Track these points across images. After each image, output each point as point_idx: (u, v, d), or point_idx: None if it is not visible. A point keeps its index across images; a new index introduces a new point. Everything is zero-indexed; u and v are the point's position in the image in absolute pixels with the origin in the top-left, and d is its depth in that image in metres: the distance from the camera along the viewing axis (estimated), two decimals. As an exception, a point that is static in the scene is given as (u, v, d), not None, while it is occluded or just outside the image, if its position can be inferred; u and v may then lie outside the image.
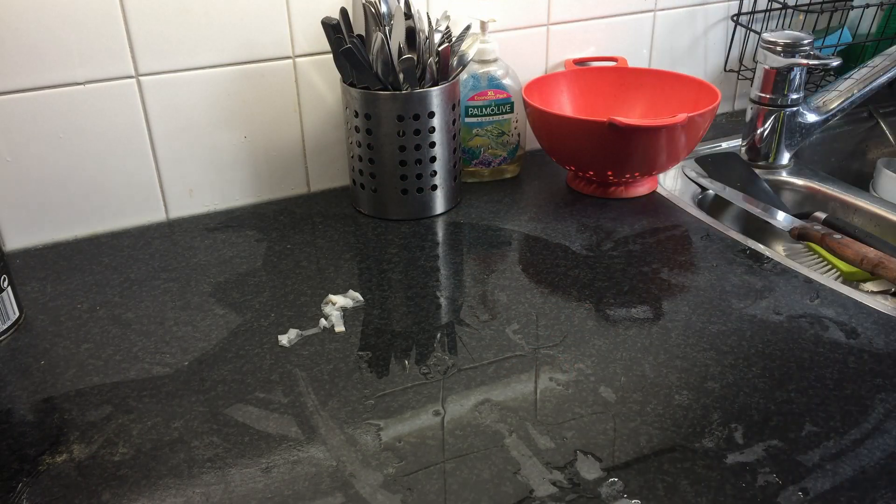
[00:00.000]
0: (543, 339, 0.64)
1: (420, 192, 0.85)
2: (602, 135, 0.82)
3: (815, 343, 0.63)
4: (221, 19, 0.82)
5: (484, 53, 0.91)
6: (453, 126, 0.85)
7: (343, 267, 0.77)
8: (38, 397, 0.59)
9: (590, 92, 0.99)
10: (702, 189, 0.96)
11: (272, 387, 0.60)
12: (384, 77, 0.80)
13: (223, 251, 0.81)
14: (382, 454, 0.52)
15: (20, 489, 0.50)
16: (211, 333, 0.67)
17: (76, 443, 0.54)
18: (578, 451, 0.52)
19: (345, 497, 0.49)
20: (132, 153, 0.84)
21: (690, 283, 0.72)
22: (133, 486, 0.50)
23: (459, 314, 0.69)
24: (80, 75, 0.78)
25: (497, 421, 0.55)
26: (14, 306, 0.68)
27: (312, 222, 0.87)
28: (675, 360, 0.61)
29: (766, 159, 1.03)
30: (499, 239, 0.82)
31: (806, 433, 0.53)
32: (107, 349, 0.65)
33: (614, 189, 0.90)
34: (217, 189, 0.90)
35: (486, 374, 0.60)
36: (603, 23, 1.04)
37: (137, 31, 0.79)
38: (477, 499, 0.49)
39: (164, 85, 0.82)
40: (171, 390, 0.60)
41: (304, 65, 0.88)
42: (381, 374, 0.61)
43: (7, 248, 0.82)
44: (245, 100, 0.87)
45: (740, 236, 0.81)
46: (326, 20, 0.81)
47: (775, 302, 0.69)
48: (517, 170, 0.98)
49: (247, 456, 0.53)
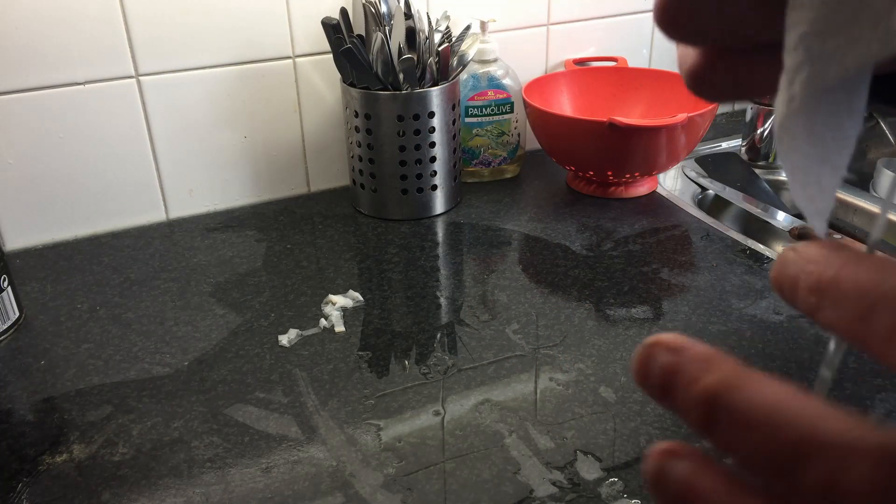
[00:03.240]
0: (543, 339, 0.64)
1: (420, 192, 0.85)
2: (602, 135, 0.82)
3: (815, 343, 0.63)
4: (221, 19, 0.82)
5: (484, 53, 0.91)
6: (453, 126, 0.85)
7: (343, 267, 0.77)
8: (38, 397, 0.59)
9: (590, 92, 0.99)
10: (702, 189, 0.96)
11: (272, 387, 0.60)
12: (384, 77, 0.80)
13: (223, 251, 0.81)
14: (382, 454, 0.52)
15: (20, 489, 0.50)
16: (211, 333, 0.67)
17: (76, 443, 0.54)
18: (578, 451, 0.52)
19: (345, 497, 0.49)
20: (132, 153, 0.84)
21: (690, 283, 0.72)
22: (133, 486, 0.50)
23: (459, 314, 0.69)
24: (80, 75, 0.78)
25: (497, 421, 0.55)
26: (14, 306, 0.68)
27: (312, 222, 0.87)
28: (675, 360, 0.61)
29: (766, 159, 1.03)
30: (499, 239, 0.82)
31: (806, 433, 0.53)
32: (107, 349, 0.65)
33: (614, 189, 0.90)
34: (217, 189, 0.90)
35: (486, 374, 0.60)
36: (603, 23, 1.04)
37: (137, 31, 0.79)
38: (477, 499, 0.49)
39: (164, 85, 0.82)
40: (171, 390, 0.60)
41: (304, 65, 0.88)
42: (381, 374, 0.61)
43: (7, 248, 0.82)
44: (245, 100, 0.87)
45: (740, 236, 0.81)
46: (326, 20, 0.81)
47: (775, 302, 0.69)
48: (517, 170, 0.98)
49: (247, 456, 0.53)
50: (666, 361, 0.17)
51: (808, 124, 0.16)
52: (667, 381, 0.17)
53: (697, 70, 0.19)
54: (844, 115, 0.16)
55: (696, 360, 0.17)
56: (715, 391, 0.16)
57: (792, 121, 0.17)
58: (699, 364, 0.17)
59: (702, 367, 0.17)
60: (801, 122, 0.16)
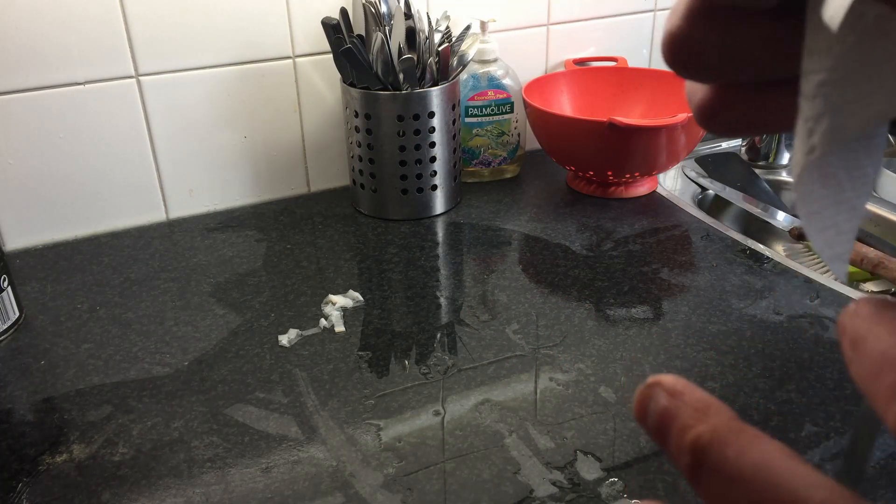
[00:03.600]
0: (543, 339, 0.64)
1: (420, 192, 0.85)
2: (602, 135, 0.82)
3: (815, 343, 0.63)
4: (221, 19, 0.82)
5: (484, 53, 0.91)
6: (453, 126, 0.85)
7: (343, 267, 0.77)
8: (38, 397, 0.59)
9: (590, 92, 0.99)
10: (702, 189, 0.96)
11: (272, 387, 0.60)
12: (384, 77, 0.80)
13: (223, 251, 0.81)
14: (382, 454, 0.52)
15: (20, 489, 0.50)
16: (211, 333, 0.67)
17: (76, 443, 0.54)
18: (578, 451, 0.52)
19: (345, 497, 0.49)
20: (132, 153, 0.84)
21: (690, 283, 0.72)
22: (133, 486, 0.50)
23: (459, 314, 0.69)
24: (80, 75, 0.78)
25: (497, 421, 0.55)
26: (14, 306, 0.68)
27: (312, 222, 0.87)
28: (675, 360, 0.61)
29: (766, 159, 1.03)
30: (499, 239, 0.82)
31: (806, 433, 0.53)
32: (107, 349, 0.65)
33: (614, 189, 0.90)
34: (217, 189, 0.90)
35: (486, 374, 0.60)
36: (603, 23, 1.04)
37: (137, 31, 0.79)
38: (477, 499, 0.49)
39: (164, 85, 0.82)
40: (171, 390, 0.60)
41: (304, 65, 0.88)
42: (381, 374, 0.61)
43: (7, 248, 0.82)
44: (245, 100, 0.87)
45: (740, 236, 0.81)
46: (326, 20, 0.81)
47: (775, 302, 0.69)
48: (517, 170, 0.98)
49: (247, 456, 0.53)
50: (663, 405, 0.18)
51: (826, 169, 0.16)
52: (662, 425, 0.18)
53: (706, 105, 0.19)
54: (864, 157, 0.16)
55: (692, 408, 0.17)
56: (706, 442, 0.16)
57: (811, 170, 0.16)
58: (694, 412, 0.17)
59: (696, 416, 0.17)
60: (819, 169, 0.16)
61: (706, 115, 0.20)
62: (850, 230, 0.17)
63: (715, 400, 0.17)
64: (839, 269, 0.17)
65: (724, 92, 0.19)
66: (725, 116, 0.19)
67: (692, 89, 0.20)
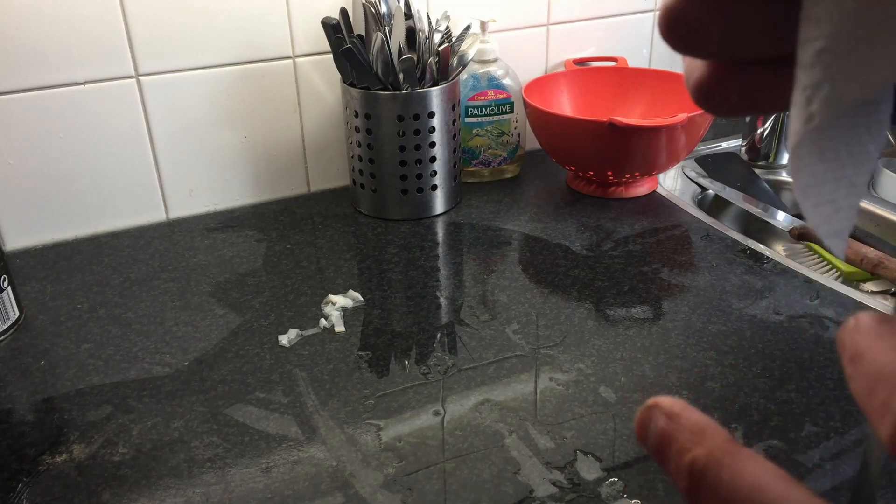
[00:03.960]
0: (543, 339, 0.64)
1: (420, 192, 0.85)
2: (602, 135, 0.82)
3: (815, 343, 0.63)
4: (221, 19, 0.82)
5: (484, 53, 0.91)
6: (453, 126, 0.85)
7: (343, 267, 0.77)
8: (38, 397, 0.59)
9: (590, 92, 0.99)
10: (702, 189, 0.96)
11: (272, 387, 0.60)
12: (384, 77, 0.80)
13: (223, 251, 0.81)
14: (382, 454, 0.52)
15: (20, 489, 0.50)
16: (211, 333, 0.67)
17: (76, 443, 0.54)
18: (578, 451, 0.52)
19: (345, 497, 0.49)
20: (132, 153, 0.84)
21: (690, 283, 0.72)
22: (133, 486, 0.50)
23: (459, 314, 0.69)
24: (80, 75, 0.78)
25: (497, 421, 0.55)
26: (14, 306, 0.68)
27: (312, 222, 0.87)
28: (675, 360, 0.61)
29: (766, 159, 1.03)
30: (499, 239, 0.82)
31: (806, 433, 0.53)
32: (107, 349, 0.65)
33: (614, 189, 0.90)
34: (217, 189, 0.90)
35: (486, 374, 0.60)
36: (603, 23, 1.04)
37: (137, 31, 0.79)
38: (477, 499, 0.49)
39: (164, 85, 0.82)
40: (171, 390, 0.60)
41: (304, 65, 0.88)
42: (381, 374, 0.61)
43: (7, 248, 0.82)
44: (245, 100, 0.87)
45: (740, 236, 0.81)
46: (326, 20, 0.81)
47: (775, 302, 0.69)
48: (517, 170, 0.98)
49: (247, 456, 0.53)
50: (661, 427, 0.18)
51: (824, 142, 0.16)
52: (661, 446, 0.18)
53: (704, 83, 0.19)
54: (865, 131, 0.16)
55: (689, 431, 0.18)
56: (702, 465, 0.17)
57: (809, 140, 0.16)
58: (691, 435, 0.18)
59: (693, 438, 0.17)
60: (817, 140, 0.16)
61: (704, 93, 0.19)
62: (849, 206, 0.16)
63: (711, 422, 0.18)
64: (837, 246, 0.17)
65: (723, 69, 0.19)
66: (724, 95, 0.19)
67: (690, 67, 0.19)
